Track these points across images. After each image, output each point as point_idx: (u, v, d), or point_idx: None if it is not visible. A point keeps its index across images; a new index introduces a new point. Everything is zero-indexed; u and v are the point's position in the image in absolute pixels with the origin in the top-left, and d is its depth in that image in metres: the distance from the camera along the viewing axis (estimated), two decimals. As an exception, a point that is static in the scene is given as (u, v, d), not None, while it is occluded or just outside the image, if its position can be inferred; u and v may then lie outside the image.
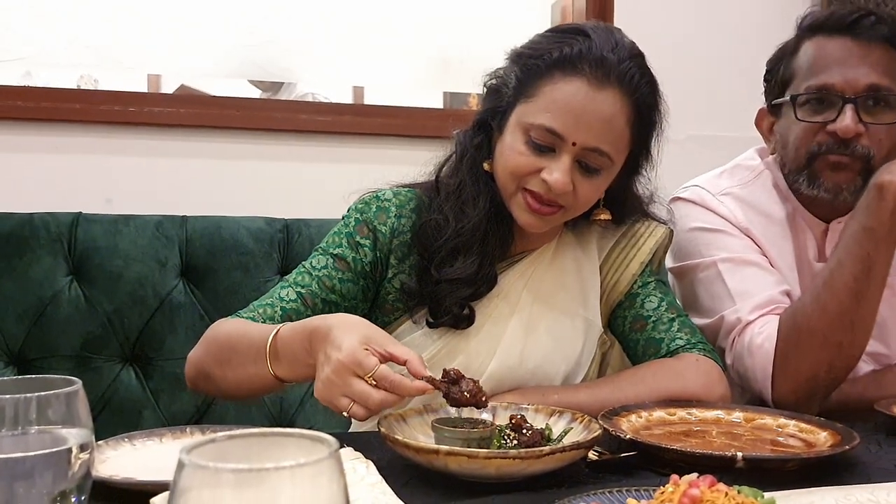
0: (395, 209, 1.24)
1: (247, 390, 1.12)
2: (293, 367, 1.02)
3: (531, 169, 1.14)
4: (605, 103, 1.12)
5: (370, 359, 0.92)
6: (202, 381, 1.15)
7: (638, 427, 1.05)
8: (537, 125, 1.13)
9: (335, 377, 0.92)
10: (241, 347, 1.09)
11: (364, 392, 0.91)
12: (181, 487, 0.43)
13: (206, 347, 1.15)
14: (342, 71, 2.36)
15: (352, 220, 1.24)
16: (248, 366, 1.07)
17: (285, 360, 1.03)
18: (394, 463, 0.93)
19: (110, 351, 1.69)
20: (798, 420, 1.06)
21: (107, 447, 0.89)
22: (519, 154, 1.15)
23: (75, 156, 2.02)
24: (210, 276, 1.76)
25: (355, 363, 0.91)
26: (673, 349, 1.24)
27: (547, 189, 1.13)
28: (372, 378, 0.91)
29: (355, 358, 0.91)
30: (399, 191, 1.27)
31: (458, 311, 1.19)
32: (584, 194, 1.16)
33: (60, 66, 2.12)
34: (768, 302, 1.29)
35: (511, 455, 0.84)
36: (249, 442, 0.48)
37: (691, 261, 1.40)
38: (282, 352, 1.03)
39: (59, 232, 1.71)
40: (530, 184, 1.15)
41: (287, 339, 1.02)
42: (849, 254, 1.21)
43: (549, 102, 1.13)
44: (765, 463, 0.90)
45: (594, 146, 1.13)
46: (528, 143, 1.14)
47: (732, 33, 2.64)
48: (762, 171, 1.45)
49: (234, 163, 2.12)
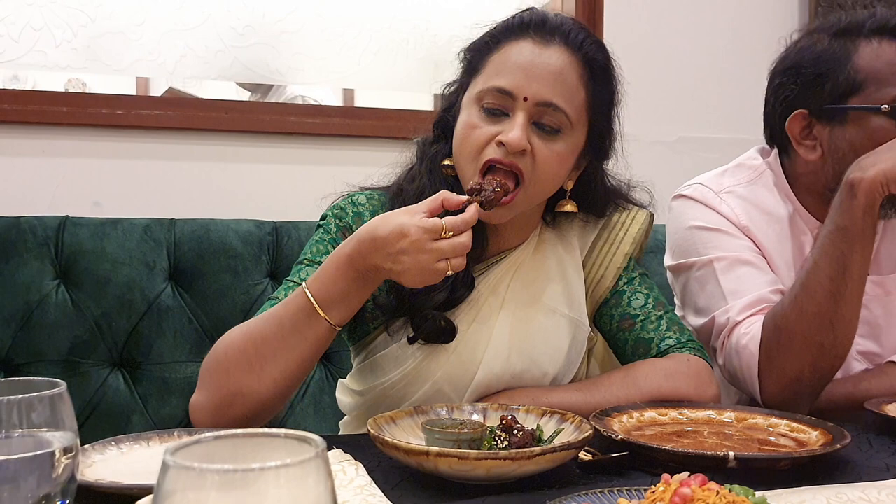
0: (369, 214, 1.22)
1: (296, 373, 1.06)
2: (347, 302, 1.05)
3: (487, 137, 1.12)
4: (553, 57, 1.13)
5: (434, 220, 1.00)
6: (230, 407, 1.05)
7: (629, 427, 1.04)
8: (486, 89, 1.13)
9: (421, 254, 0.99)
10: (271, 333, 1.05)
11: (451, 244, 1.00)
12: (165, 490, 0.42)
13: (221, 369, 1.06)
14: (332, 73, 2.35)
15: (332, 226, 1.23)
16: (291, 340, 1.04)
17: (337, 300, 1.04)
18: (384, 465, 0.93)
19: (98, 355, 1.68)
20: (789, 420, 1.06)
21: (93, 451, 0.88)
22: (472, 127, 1.14)
23: (62, 159, 2.00)
24: (199, 280, 1.75)
25: (428, 231, 0.99)
26: (663, 349, 1.24)
27: (505, 153, 1.11)
28: (447, 231, 1.00)
29: (424, 227, 0.99)
30: (371, 194, 1.26)
31: (435, 323, 1.16)
32: (543, 160, 1.13)
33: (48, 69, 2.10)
34: (757, 301, 1.29)
35: (501, 456, 0.83)
36: (235, 442, 0.47)
37: (688, 259, 1.39)
38: (327, 297, 1.04)
39: (46, 236, 1.69)
40: (487, 153, 1.12)
41: (325, 284, 1.04)
42: (823, 254, 1.20)
43: (496, 66, 1.14)
44: (756, 462, 0.90)
45: (547, 99, 1.11)
46: (482, 113, 1.14)
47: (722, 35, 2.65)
48: (764, 171, 1.44)
49: (223, 165, 2.11)
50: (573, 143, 1.16)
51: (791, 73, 1.37)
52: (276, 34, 2.27)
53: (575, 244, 1.29)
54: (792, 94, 1.37)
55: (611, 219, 1.29)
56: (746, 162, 1.47)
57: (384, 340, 1.21)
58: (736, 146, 1.61)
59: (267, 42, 2.27)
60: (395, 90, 2.40)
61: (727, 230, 1.37)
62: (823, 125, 1.34)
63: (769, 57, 1.46)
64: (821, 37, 1.35)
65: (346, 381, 1.32)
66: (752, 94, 1.70)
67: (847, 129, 1.32)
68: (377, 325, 1.22)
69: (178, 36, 2.18)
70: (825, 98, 1.33)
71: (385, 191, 1.27)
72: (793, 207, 1.40)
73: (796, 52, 1.38)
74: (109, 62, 2.13)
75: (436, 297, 1.15)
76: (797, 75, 1.36)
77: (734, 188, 1.41)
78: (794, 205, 1.40)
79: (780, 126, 1.39)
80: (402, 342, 1.19)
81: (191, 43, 2.19)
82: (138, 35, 2.14)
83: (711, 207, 1.39)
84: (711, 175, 1.46)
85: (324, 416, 1.76)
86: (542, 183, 1.15)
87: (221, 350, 1.08)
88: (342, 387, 1.32)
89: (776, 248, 1.37)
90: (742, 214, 1.38)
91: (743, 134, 2.06)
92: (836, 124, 1.33)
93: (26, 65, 2.08)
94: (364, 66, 2.35)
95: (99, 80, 2.18)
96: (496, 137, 1.11)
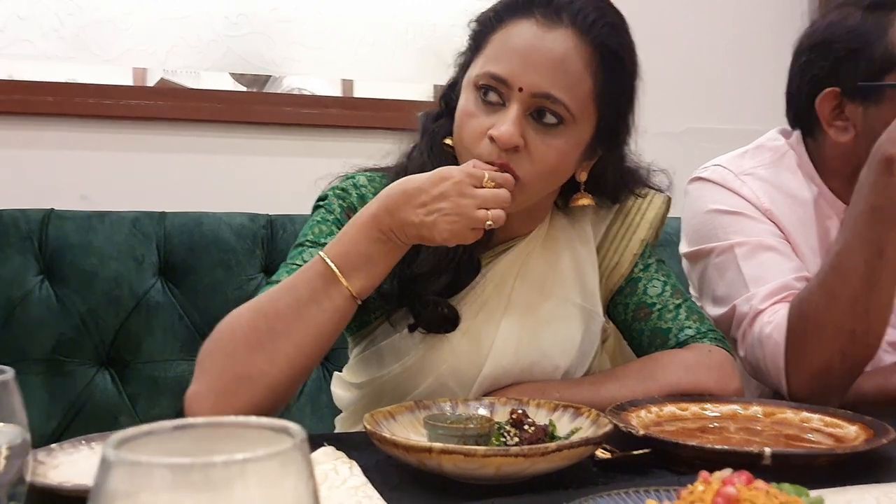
0: (371, 196, 1.13)
1: (313, 350, 0.97)
2: (370, 268, 0.98)
3: (481, 130, 1.03)
4: (556, 43, 1.02)
5: (475, 168, 0.97)
6: (234, 395, 0.93)
7: (648, 423, 0.96)
8: (482, 74, 1.04)
9: (463, 198, 0.95)
10: (285, 305, 0.96)
11: (494, 193, 0.96)
12: (106, 491, 0.34)
13: (226, 351, 0.96)
14: (329, 64, 2.28)
15: (335, 206, 1.14)
16: (309, 312, 0.95)
17: (360, 265, 0.97)
18: (382, 464, 0.84)
19: (84, 354, 1.60)
20: (822, 414, 0.98)
21: (61, 451, 0.80)
22: (469, 116, 1.05)
23: (49, 151, 1.94)
24: (189, 275, 1.68)
25: (471, 177, 0.96)
26: (682, 340, 1.16)
27: (497, 151, 1.01)
28: (490, 181, 0.96)
29: (467, 171, 0.96)
30: (372, 176, 1.18)
31: (437, 310, 1.08)
32: (539, 154, 1.03)
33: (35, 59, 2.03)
34: (782, 288, 1.21)
35: (513, 452, 0.75)
36: (197, 433, 0.39)
37: (707, 244, 1.31)
38: (347, 261, 0.97)
39: (30, 229, 1.62)
40: (481, 149, 1.02)
41: (345, 247, 0.98)
42: (856, 236, 1.12)
43: (495, 48, 1.05)
44: (795, 459, 0.82)
45: (544, 91, 1.01)
46: (478, 101, 1.05)
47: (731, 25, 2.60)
48: (786, 152, 1.36)
49: (216, 157, 2.04)
50: (576, 137, 1.06)
51: (820, 49, 1.29)
52: (270, 23, 2.20)
53: (588, 231, 1.21)
54: (821, 71, 1.28)
55: (626, 204, 1.21)
56: (767, 143, 1.39)
57: (385, 330, 1.14)
58: (745, 137, 1.54)
59: (261, 31, 2.20)
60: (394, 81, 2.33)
61: (749, 213, 1.29)
62: (856, 104, 1.26)
63: (778, 47, 1.39)
64: (852, 11, 1.27)
65: (342, 373, 1.24)
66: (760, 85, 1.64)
67: (883, 107, 1.23)
68: (378, 316, 1.15)
69: (170, 25, 2.11)
70: (859, 75, 1.24)
71: (385, 171, 1.19)
72: (818, 190, 1.32)
73: (825, 27, 1.30)
74: (98, 52, 2.06)
75: (439, 280, 1.07)
76: (827, 52, 1.27)
77: (755, 170, 1.33)
78: (820, 188, 1.32)
79: (807, 106, 1.30)
80: (404, 332, 1.11)
81: (182, 32, 2.12)
82: (128, 24, 2.07)
83: (732, 190, 1.31)
84: (731, 156, 1.38)
85: (321, 415, 1.69)
86: (541, 180, 1.06)
87: (227, 329, 0.96)
88: (338, 380, 1.25)
89: (800, 232, 1.30)
90: (764, 197, 1.30)
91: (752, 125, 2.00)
92: (871, 103, 1.24)
93: (12, 55, 2.01)
94: (362, 56, 2.28)
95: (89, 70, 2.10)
96: (489, 131, 1.02)
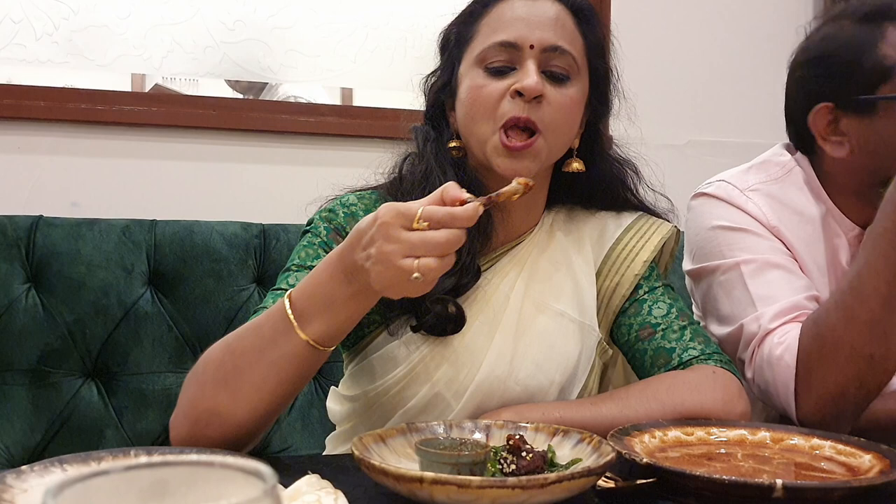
0: (362, 213, 1.12)
1: (274, 395, 0.91)
2: (331, 314, 0.88)
3: (500, 92, 1.07)
4: (546, 6, 1.11)
5: (410, 204, 0.82)
6: (206, 427, 0.92)
7: (652, 449, 0.91)
8: (489, 47, 1.09)
9: (387, 243, 0.81)
10: (249, 345, 0.91)
11: (422, 238, 0.80)
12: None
13: (198, 382, 0.94)
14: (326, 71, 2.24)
15: (321, 229, 1.12)
16: (269, 355, 0.89)
17: (319, 310, 0.88)
18: (370, 493, 0.80)
19: (70, 365, 1.56)
20: (835, 441, 0.93)
21: (31, 474, 0.75)
22: (481, 87, 1.09)
23: (39, 156, 1.89)
24: (180, 284, 1.64)
25: (398, 215, 0.81)
26: (686, 360, 1.12)
27: (521, 107, 1.05)
28: (422, 220, 0.80)
29: (394, 210, 0.82)
30: (362, 194, 1.16)
31: (443, 309, 1.05)
32: (558, 107, 1.08)
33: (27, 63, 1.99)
34: (792, 308, 1.17)
35: (510, 484, 0.70)
36: (153, 475, 0.35)
37: (711, 262, 1.26)
38: (310, 303, 0.88)
39: (17, 236, 1.59)
40: (504, 109, 1.06)
41: (311, 288, 0.89)
42: (880, 256, 1.07)
43: (492, 24, 1.11)
44: (808, 493, 0.77)
45: (553, 43, 1.08)
46: (486, 75, 1.09)
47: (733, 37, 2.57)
48: (793, 168, 1.32)
49: (209, 165, 2.00)
50: (581, 89, 1.13)
51: (814, 63, 1.26)
52: (268, 30, 2.17)
53: (588, 250, 1.19)
54: (816, 86, 1.25)
55: (633, 224, 1.21)
56: (773, 158, 1.35)
57: (383, 339, 1.10)
58: (748, 151, 1.50)
59: (258, 38, 2.17)
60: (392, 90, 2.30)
61: (755, 230, 1.24)
62: (851, 118, 1.23)
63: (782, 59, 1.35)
64: (845, 23, 1.24)
65: (338, 388, 1.21)
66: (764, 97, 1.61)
67: (877, 120, 1.20)
68: (371, 330, 1.12)
69: (165, 30, 2.07)
70: (853, 89, 1.21)
71: (375, 189, 1.17)
72: (825, 208, 1.28)
73: (819, 40, 1.26)
74: (92, 57, 2.03)
75: (443, 283, 1.03)
76: (822, 66, 1.25)
77: (761, 186, 1.29)
78: (827, 205, 1.28)
79: (805, 122, 1.27)
80: (398, 342, 1.08)
81: (178, 38, 2.08)
82: (123, 29, 2.04)
83: (737, 206, 1.27)
84: (735, 172, 1.34)
85: (312, 431, 1.64)
86: (559, 131, 1.10)
87: (202, 362, 0.95)
88: (334, 394, 1.21)
89: (807, 250, 1.25)
90: (771, 214, 1.26)
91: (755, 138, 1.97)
92: (866, 116, 1.21)
93: (4, 59, 1.97)
94: (360, 64, 2.25)
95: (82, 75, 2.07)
96: (511, 87, 1.06)
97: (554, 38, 1.08)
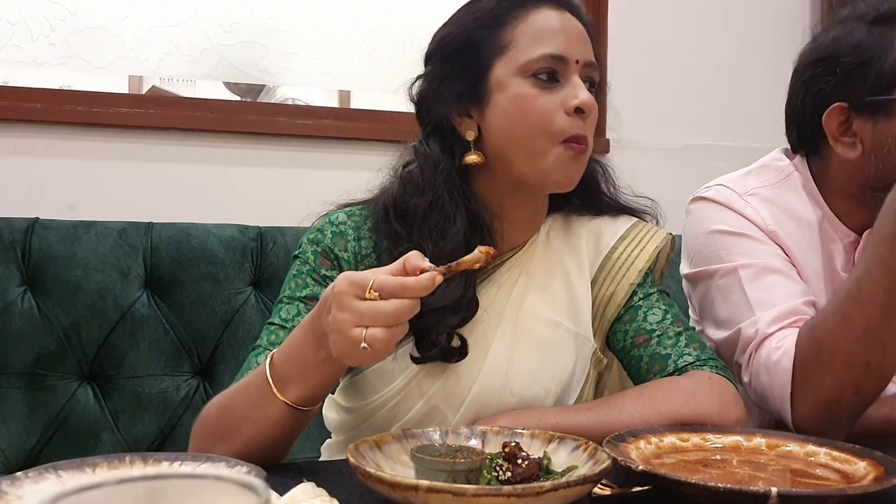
0: (352, 232, 1.11)
1: (264, 452, 0.94)
2: (306, 375, 0.90)
3: (551, 108, 1.07)
4: (573, 21, 1.12)
5: (363, 273, 0.83)
6: None
7: (648, 455, 0.91)
8: (538, 58, 1.07)
9: (340, 311, 0.82)
10: (239, 404, 0.95)
11: (371, 308, 0.80)
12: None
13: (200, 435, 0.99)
14: (324, 73, 2.25)
15: (308, 255, 1.10)
16: (255, 415, 0.92)
17: (295, 374, 0.90)
18: (366, 499, 0.80)
19: (66, 368, 1.56)
20: (830, 447, 0.93)
21: (26, 480, 0.75)
22: (533, 98, 1.08)
23: (36, 158, 1.89)
24: (176, 288, 1.64)
25: (351, 284, 0.82)
26: (681, 366, 1.12)
27: (581, 126, 1.07)
28: (373, 290, 0.81)
29: (348, 279, 0.82)
30: (352, 211, 1.14)
31: (447, 342, 1.05)
32: (594, 119, 1.11)
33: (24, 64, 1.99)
34: (790, 313, 1.17)
35: (505, 492, 0.71)
36: (148, 489, 0.35)
37: (709, 266, 1.26)
38: (287, 367, 0.91)
39: (13, 239, 1.58)
40: (560, 124, 1.07)
41: (288, 351, 0.92)
42: (880, 263, 1.07)
43: (535, 34, 1.09)
44: (803, 500, 0.77)
45: (591, 59, 1.12)
46: (535, 85, 1.08)
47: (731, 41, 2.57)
48: (791, 173, 1.32)
49: (207, 167, 2.00)
50: None
51: (825, 63, 1.25)
52: (265, 32, 2.17)
53: (584, 260, 1.19)
54: (828, 86, 1.24)
55: (628, 232, 1.20)
56: (771, 163, 1.35)
57: None
58: (745, 154, 1.50)
59: (256, 40, 2.17)
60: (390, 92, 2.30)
61: (753, 235, 1.24)
62: (864, 119, 1.22)
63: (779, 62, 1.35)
64: (857, 25, 1.23)
65: (334, 395, 1.21)
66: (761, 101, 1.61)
67: (892, 121, 1.20)
68: None
69: (162, 32, 2.08)
70: (867, 90, 1.21)
71: (366, 204, 1.15)
72: (822, 213, 1.28)
73: (830, 41, 1.25)
74: (89, 58, 2.03)
75: (448, 320, 1.04)
76: (834, 66, 1.24)
77: (759, 190, 1.29)
78: (824, 210, 1.28)
79: (812, 123, 1.26)
80: (396, 356, 1.07)
81: (175, 40, 2.09)
82: (120, 31, 2.04)
83: (735, 210, 1.27)
84: (734, 176, 1.34)
85: (309, 435, 1.62)
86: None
87: (203, 415, 1.00)
88: (331, 402, 1.21)
89: (805, 256, 1.25)
90: (769, 218, 1.26)
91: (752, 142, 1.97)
92: (880, 117, 1.21)
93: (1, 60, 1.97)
94: (358, 66, 2.25)
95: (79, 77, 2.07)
96: (569, 104, 1.07)
97: (589, 53, 1.11)
